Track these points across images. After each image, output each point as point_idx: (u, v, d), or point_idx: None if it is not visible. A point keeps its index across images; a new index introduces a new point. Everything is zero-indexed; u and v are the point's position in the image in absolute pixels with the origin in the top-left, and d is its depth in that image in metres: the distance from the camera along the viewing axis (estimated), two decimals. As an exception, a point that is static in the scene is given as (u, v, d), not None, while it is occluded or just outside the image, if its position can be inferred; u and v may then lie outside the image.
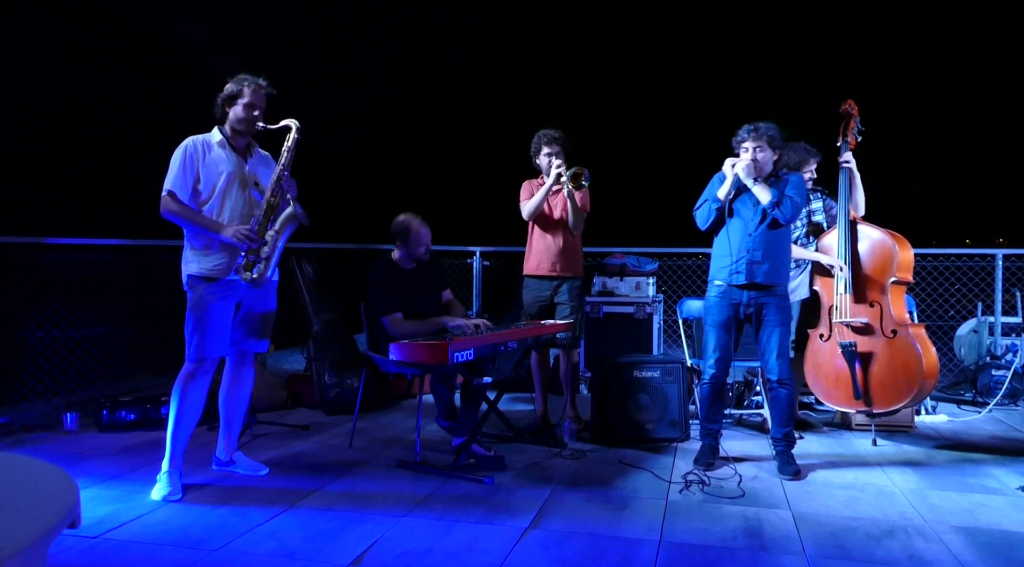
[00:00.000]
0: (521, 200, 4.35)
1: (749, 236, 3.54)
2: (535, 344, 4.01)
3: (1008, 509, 2.96)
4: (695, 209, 3.69)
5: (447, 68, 35.97)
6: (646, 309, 5.24)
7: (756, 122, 3.59)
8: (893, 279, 3.97)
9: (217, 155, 3.17)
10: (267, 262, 3.16)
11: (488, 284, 6.05)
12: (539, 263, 4.31)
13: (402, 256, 3.88)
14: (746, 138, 3.56)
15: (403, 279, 3.85)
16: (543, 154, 4.30)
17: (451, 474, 3.36)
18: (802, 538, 2.64)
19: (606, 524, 2.78)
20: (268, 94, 3.24)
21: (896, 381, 3.89)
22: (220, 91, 3.22)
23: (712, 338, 3.60)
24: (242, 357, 3.36)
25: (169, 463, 3.10)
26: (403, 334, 3.61)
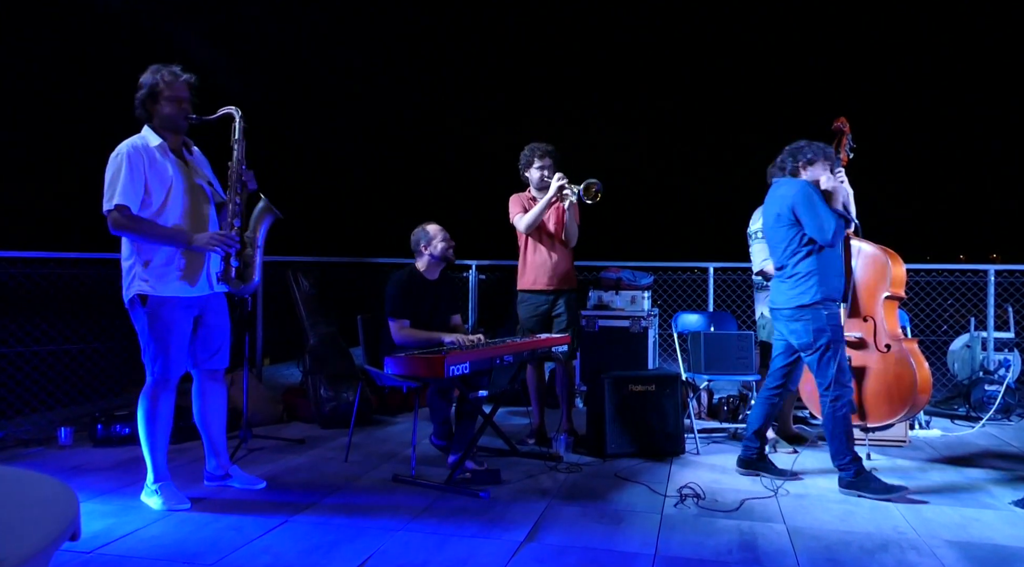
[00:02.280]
0: (512, 213, 4.37)
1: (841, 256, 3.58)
2: (531, 358, 4.03)
3: (1000, 524, 2.98)
4: (832, 222, 3.39)
5: (443, 83, 36.16)
6: (641, 323, 5.26)
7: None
8: (886, 294, 4.00)
9: (160, 158, 2.96)
10: (251, 265, 3.09)
11: (484, 298, 6.07)
12: (535, 278, 4.33)
13: (427, 264, 3.94)
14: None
15: (423, 289, 3.92)
16: (534, 168, 4.34)
17: (447, 488, 3.36)
18: (796, 552, 2.65)
19: (602, 538, 2.79)
20: (188, 82, 3.01)
21: (890, 395, 3.91)
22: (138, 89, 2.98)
23: (843, 358, 3.47)
24: (210, 375, 3.23)
25: (155, 477, 3.06)
26: (403, 339, 3.66)
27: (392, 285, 3.86)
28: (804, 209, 3.43)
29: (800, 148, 3.66)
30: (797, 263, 3.50)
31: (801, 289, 3.49)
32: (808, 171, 3.64)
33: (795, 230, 3.49)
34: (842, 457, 3.42)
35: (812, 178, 3.61)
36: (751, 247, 4.32)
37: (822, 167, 3.62)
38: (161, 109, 2.98)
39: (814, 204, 3.42)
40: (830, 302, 3.46)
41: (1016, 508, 3.17)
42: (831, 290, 3.47)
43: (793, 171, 3.66)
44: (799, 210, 3.45)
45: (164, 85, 2.96)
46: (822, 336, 3.43)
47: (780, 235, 3.57)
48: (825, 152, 3.64)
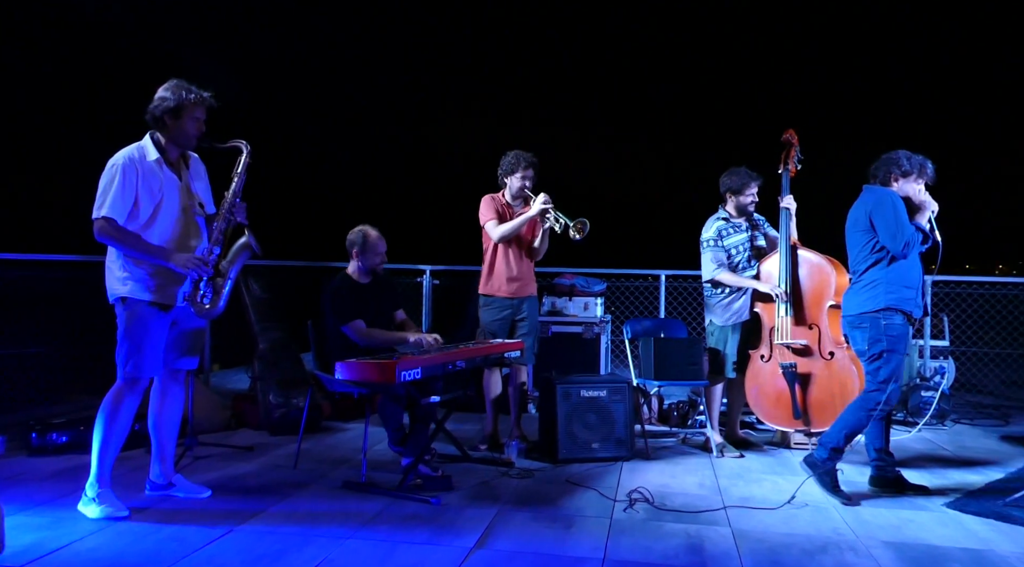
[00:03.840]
0: (485, 217, 4.33)
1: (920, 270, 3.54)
2: (484, 363, 4.03)
3: (934, 525, 3.09)
4: (906, 234, 3.39)
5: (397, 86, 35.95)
6: (594, 329, 5.31)
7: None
8: (831, 303, 4.13)
9: (154, 173, 3.02)
10: (220, 293, 3.09)
11: (438, 303, 6.04)
12: (502, 284, 4.33)
13: (357, 269, 3.93)
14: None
15: (358, 293, 3.88)
16: (517, 176, 4.33)
17: (398, 495, 3.34)
18: (741, 555, 2.71)
19: (552, 543, 2.80)
20: (211, 105, 3.13)
21: (833, 401, 4.04)
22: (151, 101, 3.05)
23: (899, 367, 3.47)
24: (173, 375, 3.26)
25: (98, 482, 3.01)
26: (370, 341, 3.67)
27: (329, 297, 3.81)
28: (880, 216, 3.44)
29: (896, 159, 3.59)
30: (866, 270, 3.52)
31: (866, 296, 3.50)
32: (899, 183, 3.58)
33: (868, 236, 3.50)
34: (830, 443, 3.47)
35: (903, 190, 3.57)
36: (703, 255, 4.40)
37: (915, 181, 3.58)
38: (183, 124, 3.05)
39: (893, 213, 3.40)
40: (894, 312, 3.42)
41: (949, 510, 3.30)
42: (898, 300, 3.43)
43: (884, 180, 3.62)
44: (875, 217, 3.46)
45: (191, 104, 3.04)
46: (876, 345, 3.44)
47: (855, 240, 3.59)
48: (922, 166, 3.59)
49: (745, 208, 4.38)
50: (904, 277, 3.46)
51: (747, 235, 4.39)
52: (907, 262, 3.48)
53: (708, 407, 4.42)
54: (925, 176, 3.56)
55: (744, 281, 4.28)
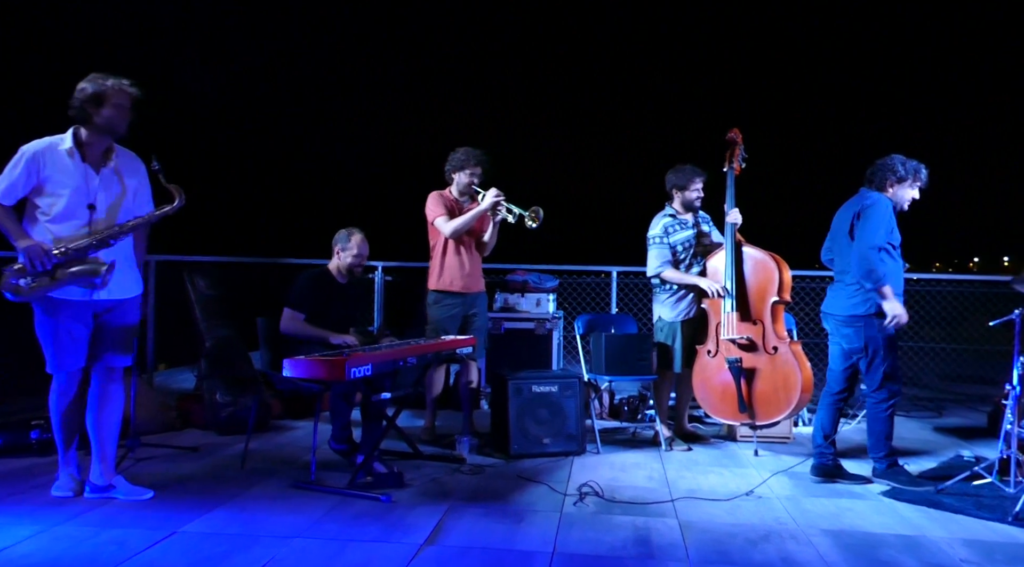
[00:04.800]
0: (433, 213, 4.32)
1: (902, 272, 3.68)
2: (435, 360, 4.03)
3: (871, 513, 3.21)
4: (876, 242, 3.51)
5: (351, 80, 35.52)
6: (546, 325, 5.35)
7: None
8: (775, 299, 4.24)
9: (65, 166, 3.01)
10: (34, 290, 2.97)
11: (390, 299, 6.00)
12: (453, 279, 4.33)
13: (337, 267, 4.00)
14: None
15: (331, 289, 3.95)
16: (466, 172, 4.34)
17: (347, 493, 3.31)
18: (687, 545, 2.77)
19: (502, 538, 2.82)
20: (135, 95, 3.09)
21: (777, 395, 4.15)
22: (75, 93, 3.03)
23: (893, 364, 3.63)
24: (108, 373, 3.21)
25: (60, 464, 3.20)
26: (293, 332, 3.73)
27: (303, 278, 3.92)
28: (862, 220, 3.56)
29: (892, 165, 3.68)
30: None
31: (858, 299, 3.61)
32: (894, 188, 3.68)
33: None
34: (878, 451, 3.66)
35: (897, 196, 3.68)
36: (648, 252, 4.47)
37: (910, 186, 3.69)
38: (104, 113, 3.01)
39: (876, 220, 3.52)
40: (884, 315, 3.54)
41: (885, 498, 3.43)
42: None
43: (880, 186, 3.71)
44: (861, 218, 3.57)
45: (112, 91, 3.02)
46: (872, 343, 3.59)
47: (846, 242, 3.67)
48: (916, 172, 3.68)
49: (691, 204, 4.46)
50: (893, 282, 3.57)
51: (693, 232, 4.47)
52: (895, 265, 3.63)
53: (657, 402, 4.50)
54: (919, 181, 3.69)
55: (687, 278, 4.36)
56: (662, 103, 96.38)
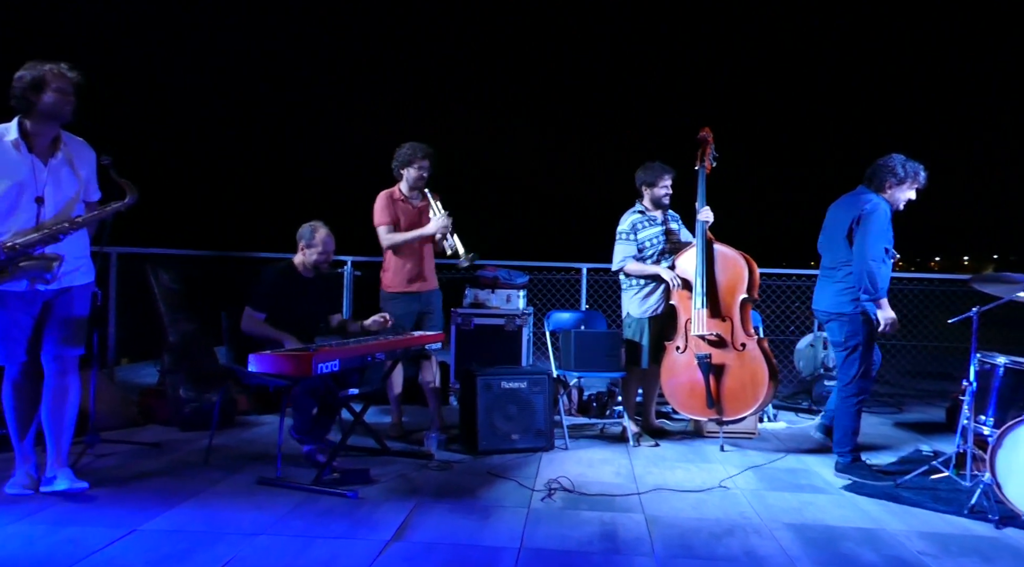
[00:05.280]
0: (379, 219, 4.34)
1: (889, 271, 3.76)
2: (404, 355, 4.00)
3: (832, 507, 3.27)
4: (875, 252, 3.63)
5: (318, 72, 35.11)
6: (516, 321, 5.35)
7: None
8: (743, 296, 4.28)
9: (10, 158, 2.94)
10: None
11: (359, 294, 5.95)
12: (409, 277, 4.36)
13: (302, 262, 3.91)
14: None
15: (297, 285, 3.87)
16: (414, 167, 4.34)
17: (314, 489, 3.27)
18: (653, 540, 2.79)
19: (469, 534, 2.81)
20: (75, 80, 3.01)
21: (744, 391, 4.19)
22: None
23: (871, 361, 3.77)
24: (61, 365, 3.13)
25: (16, 461, 3.14)
26: (251, 332, 3.66)
27: (266, 275, 3.83)
28: (862, 227, 3.64)
29: (892, 167, 3.74)
30: (848, 273, 3.70)
31: (845, 298, 3.72)
32: (893, 189, 3.75)
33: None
34: (843, 446, 3.75)
35: (894, 197, 3.76)
36: (615, 246, 4.50)
37: (909, 187, 3.76)
38: (45, 99, 2.94)
39: (877, 230, 3.61)
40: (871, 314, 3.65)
41: (847, 492, 3.49)
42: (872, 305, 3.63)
43: (879, 187, 3.78)
44: (861, 225, 3.65)
45: (51, 75, 2.95)
46: (853, 338, 3.70)
47: (841, 242, 3.75)
48: (916, 173, 3.75)
49: (660, 200, 4.49)
50: (882, 279, 3.66)
51: (661, 228, 4.50)
52: (886, 269, 3.71)
53: (626, 398, 4.52)
54: (918, 183, 3.77)
55: (647, 269, 4.39)
56: (635, 101, 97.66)
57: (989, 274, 3.66)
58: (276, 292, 3.78)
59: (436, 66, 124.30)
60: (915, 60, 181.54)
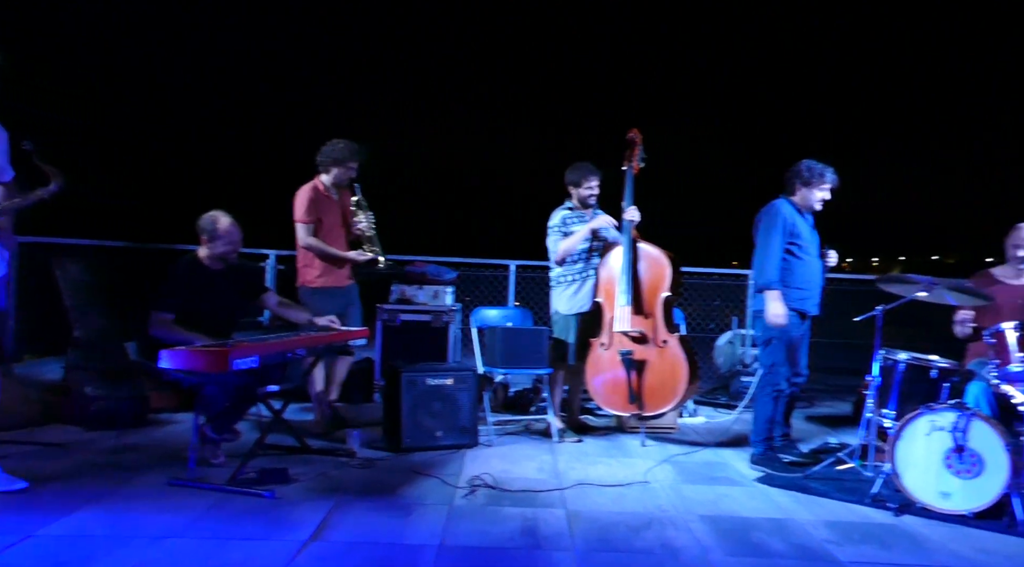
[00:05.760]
0: (301, 215, 4.29)
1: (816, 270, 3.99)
2: (327, 351, 3.93)
3: (745, 498, 3.39)
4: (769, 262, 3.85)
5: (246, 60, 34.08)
6: (443, 318, 5.31)
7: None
8: (666, 294, 4.38)
9: None
10: None
11: (283, 289, 5.79)
12: (333, 273, 4.34)
13: (208, 255, 3.71)
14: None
15: (205, 279, 3.67)
16: (345, 167, 4.33)
17: (229, 490, 3.17)
18: (573, 534, 2.83)
19: (390, 532, 2.78)
20: None
21: (664, 387, 4.29)
22: None
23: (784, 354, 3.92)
24: None
25: None
26: (161, 336, 3.45)
27: (169, 274, 3.62)
28: (760, 226, 3.92)
29: (799, 171, 3.96)
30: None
31: (760, 297, 3.88)
32: (802, 191, 3.97)
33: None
34: (758, 436, 3.93)
35: (805, 197, 3.97)
36: (548, 241, 4.55)
37: (817, 188, 3.95)
38: None
39: (767, 228, 3.87)
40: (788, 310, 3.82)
41: (759, 484, 3.63)
42: (789, 299, 3.84)
43: (789, 190, 4.01)
44: (759, 236, 3.93)
45: None
46: (766, 333, 3.91)
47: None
48: (822, 175, 3.93)
49: (586, 200, 4.55)
50: (797, 279, 3.91)
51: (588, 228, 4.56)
52: (802, 264, 3.93)
53: (551, 394, 4.56)
54: (825, 183, 3.98)
55: (580, 232, 4.44)
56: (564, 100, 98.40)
57: (893, 275, 3.86)
58: (182, 290, 3.57)
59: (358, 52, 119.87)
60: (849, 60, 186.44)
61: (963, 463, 3.18)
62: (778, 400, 3.95)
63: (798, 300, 3.93)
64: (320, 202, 4.33)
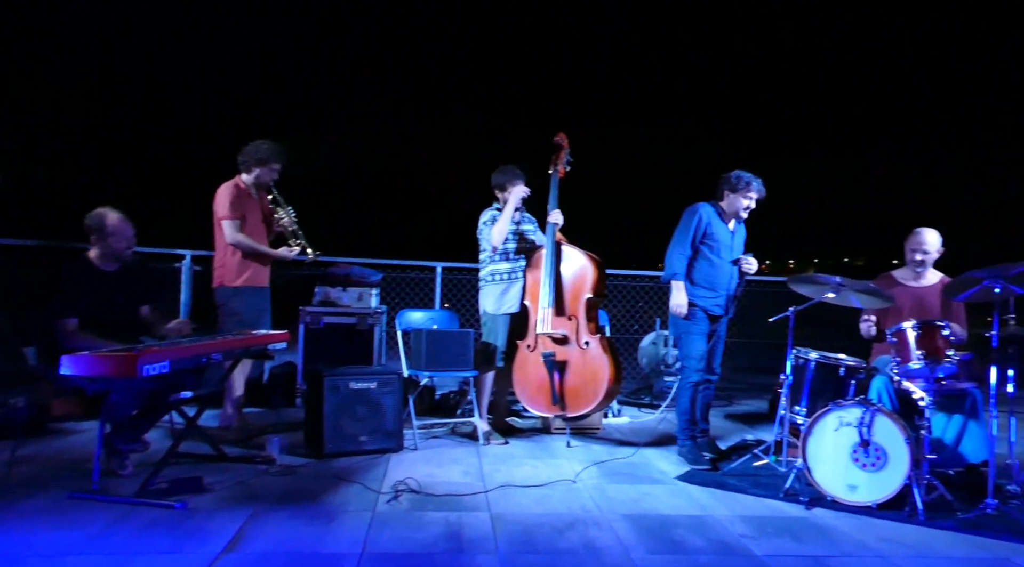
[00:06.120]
0: (228, 212, 4.18)
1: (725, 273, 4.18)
2: (245, 355, 3.79)
3: (667, 496, 3.45)
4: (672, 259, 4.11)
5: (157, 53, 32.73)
6: (368, 320, 5.23)
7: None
8: (588, 296, 4.43)
9: None
10: None
11: (199, 291, 5.57)
12: (256, 272, 4.27)
13: (100, 255, 3.52)
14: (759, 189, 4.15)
15: (100, 282, 3.49)
16: (269, 168, 4.29)
17: (137, 502, 3.02)
18: (497, 537, 2.81)
19: (309, 541, 2.70)
20: None
21: (586, 387, 4.34)
22: None
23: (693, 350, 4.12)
24: None
25: None
26: (73, 346, 3.20)
27: (62, 279, 3.43)
28: (676, 231, 4.14)
29: (728, 178, 4.18)
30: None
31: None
32: (729, 197, 4.17)
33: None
34: (679, 429, 4.15)
35: (732, 202, 4.17)
36: (481, 236, 4.57)
37: (742, 195, 4.12)
38: None
39: (680, 227, 4.13)
40: (690, 306, 4.07)
41: (680, 482, 3.71)
42: (693, 298, 4.09)
43: (719, 196, 4.22)
44: (676, 228, 4.16)
45: None
46: (675, 330, 4.22)
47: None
48: (748, 183, 4.12)
49: None
50: (704, 279, 4.14)
51: (515, 227, 4.58)
52: (710, 266, 4.13)
53: (477, 396, 4.55)
54: (751, 191, 4.18)
55: (507, 211, 4.45)
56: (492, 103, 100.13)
57: (804, 275, 3.96)
58: (78, 294, 3.39)
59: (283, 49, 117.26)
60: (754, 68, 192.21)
61: (868, 456, 3.34)
62: (692, 394, 4.12)
63: (701, 298, 4.14)
64: (243, 199, 4.24)
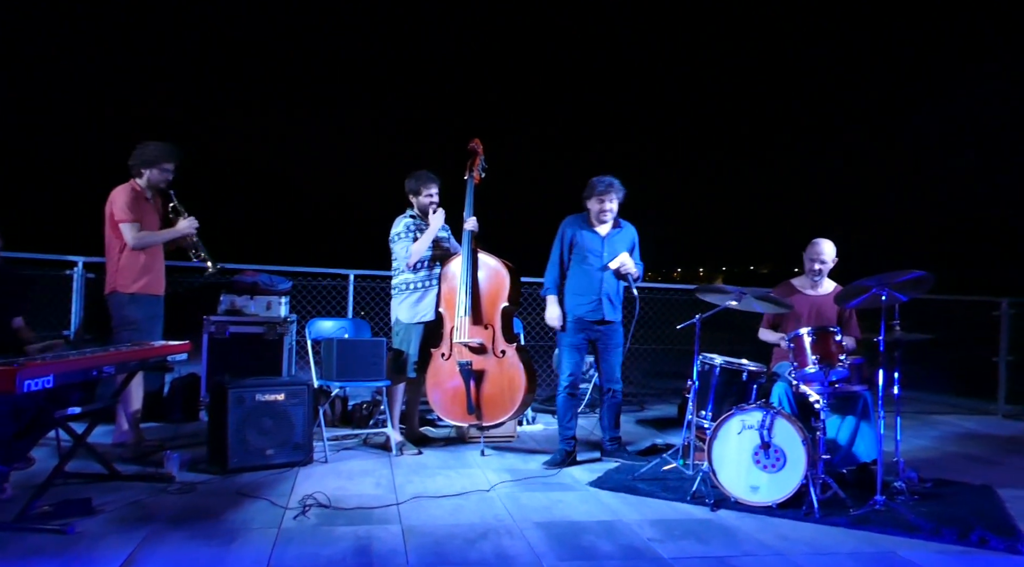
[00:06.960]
0: (128, 215, 4.03)
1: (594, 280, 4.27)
2: (141, 367, 3.59)
3: (578, 503, 3.49)
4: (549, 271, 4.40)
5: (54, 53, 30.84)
6: (277, 330, 5.06)
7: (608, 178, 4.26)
8: (505, 304, 4.44)
9: None
10: None
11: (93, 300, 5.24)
12: (151, 280, 4.13)
13: None
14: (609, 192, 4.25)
15: None
16: (159, 169, 4.15)
17: (18, 527, 2.80)
18: (408, 550, 2.77)
19: (209, 562, 2.58)
20: None
21: (502, 396, 4.35)
22: None
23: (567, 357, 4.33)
24: None
25: None
26: None
27: None
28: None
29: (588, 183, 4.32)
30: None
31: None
32: (587, 205, 4.33)
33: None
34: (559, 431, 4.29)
35: (591, 212, 4.32)
36: (395, 248, 4.51)
37: (593, 200, 4.29)
38: None
39: (552, 253, 4.38)
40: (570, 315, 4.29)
41: (591, 488, 3.76)
42: (567, 306, 4.31)
43: (582, 205, 4.38)
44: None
45: None
46: (557, 337, 4.41)
47: None
48: (593, 188, 4.27)
49: (426, 208, 4.54)
50: (575, 287, 4.30)
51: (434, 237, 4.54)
52: (581, 274, 4.28)
53: (390, 406, 4.48)
54: (594, 194, 4.29)
55: (428, 234, 4.43)
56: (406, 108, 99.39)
57: (710, 285, 4.14)
58: None
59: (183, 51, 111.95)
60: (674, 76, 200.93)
61: (769, 458, 3.48)
62: (567, 401, 4.29)
63: (575, 306, 4.29)
64: (140, 202, 4.08)
